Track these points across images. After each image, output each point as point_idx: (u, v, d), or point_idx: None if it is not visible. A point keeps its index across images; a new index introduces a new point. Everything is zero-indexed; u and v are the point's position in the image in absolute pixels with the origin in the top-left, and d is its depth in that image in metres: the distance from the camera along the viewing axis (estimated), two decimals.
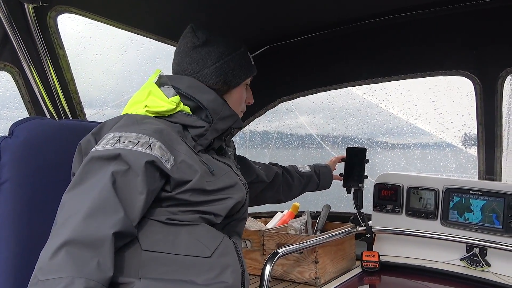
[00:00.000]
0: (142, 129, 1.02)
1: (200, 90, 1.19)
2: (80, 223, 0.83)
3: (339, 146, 4.30)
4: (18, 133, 1.04)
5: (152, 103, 1.12)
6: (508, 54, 1.67)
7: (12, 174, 1.01)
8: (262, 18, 1.79)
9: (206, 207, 1.06)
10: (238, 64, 1.25)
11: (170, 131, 1.07)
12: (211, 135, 1.17)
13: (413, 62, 1.88)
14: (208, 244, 1.04)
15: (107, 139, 0.99)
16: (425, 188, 1.81)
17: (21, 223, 1.01)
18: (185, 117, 1.15)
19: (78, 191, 0.90)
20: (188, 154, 1.06)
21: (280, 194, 1.70)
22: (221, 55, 1.22)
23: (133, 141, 0.98)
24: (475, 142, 1.88)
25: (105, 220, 0.86)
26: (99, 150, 0.96)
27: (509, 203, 1.60)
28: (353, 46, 1.98)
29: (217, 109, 1.18)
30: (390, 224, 1.84)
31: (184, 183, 1.02)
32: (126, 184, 0.92)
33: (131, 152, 0.96)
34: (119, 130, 1.01)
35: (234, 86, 1.25)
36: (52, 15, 1.30)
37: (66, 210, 0.88)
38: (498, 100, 1.72)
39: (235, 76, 1.24)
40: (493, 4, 1.61)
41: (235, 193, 1.15)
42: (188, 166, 1.04)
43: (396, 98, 2.88)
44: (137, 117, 1.07)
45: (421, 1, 1.68)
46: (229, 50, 1.24)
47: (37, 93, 1.27)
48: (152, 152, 0.98)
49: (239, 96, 1.28)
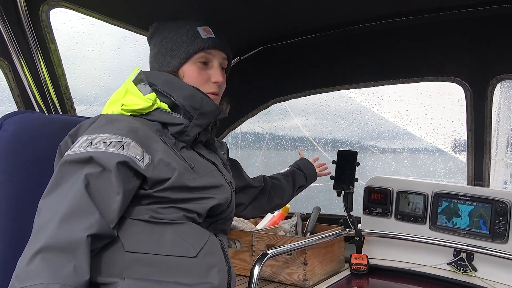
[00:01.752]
0: (115, 129, 1.00)
1: (175, 86, 1.14)
2: (54, 228, 0.83)
3: (331, 149, 4.32)
4: (7, 127, 1.02)
5: (128, 101, 1.09)
6: (499, 62, 1.69)
7: (1, 168, 0.99)
8: (257, 19, 1.79)
9: (188, 204, 1.04)
10: (177, 43, 1.17)
11: (145, 130, 1.04)
12: (192, 131, 1.13)
13: (405, 67, 1.89)
14: (193, 243, 1.03)
15: (80, 142, 0.97)
16: (415, 192, 1.82)
17: (8, 217, 0.99)
18: (163, 114, 1.11)
19: (52, 196, 0.89)
20: (165, 152, 1.03)
21: (275, 198, 1.64)
22: (162, 40, 1.19)
23: (105, 143, 0.96)
24: (464, 148, 1.90)
25: (79, 223, 0.85)
26: (71, 154, 0.95)
27: (496, 209, 1.62)
28: (346, 49, 1.99)
29: (195, 105, 1.12)
30: (379, 228, 1.85)
31: (162, 182, 1.00)
32: (100, 186, 0.91)
33: (103, 154, 0.94)
34: (93, 132, 0.99)
35: (176, 68, 1.17)
36: (44, 9, 1.28)
37: (41, 216, 0.87)
38: (487, 107, 1.74)
39: (173, 56, 1.17)
40: (485, 12, 1.63)
41: (219, 193, 1.13)
42: (165, 164, 1.01)
43: (388, 103, 2.91)
44: (112, 117, 1.04)
45: (415, 7, 1.70)
46: (170, 33, 1.19)
47: (27, 87, 1.25)
48: (125, 152, 0.96)
49: (188, 77, 1.18)
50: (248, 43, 2.05)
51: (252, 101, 2.28)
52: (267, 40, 2.06)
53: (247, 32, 1.92)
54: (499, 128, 3.48)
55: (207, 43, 1.18)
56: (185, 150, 1.13)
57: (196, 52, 1.17)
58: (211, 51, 1.19)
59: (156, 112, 1.11)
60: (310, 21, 1.86)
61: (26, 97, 1.26)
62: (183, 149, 1.13)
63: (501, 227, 1.61)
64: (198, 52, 1.17)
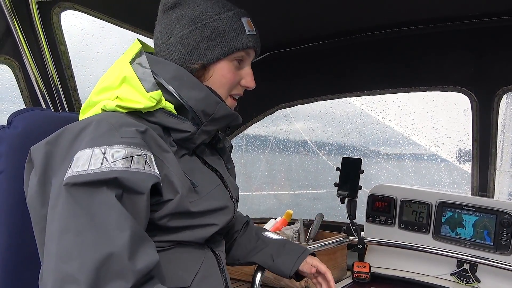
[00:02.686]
0: (126, 138, 0.79)
1: (187, 85, 0.92)
2: (131, 265, 0.71)
3: (335, 155, 4.33)
4: (16, 123, 1.02)
5: (125, 94, 0.86)
6: (505, 72, 1.69)
7: (8, 164, 0.99)
8: (264, 26, 1.79)
9: (184, 234, 0.90)
10: (217, 31, 0.94)
11: (154, 134, 0.86)
12: (199, 139, 0.96)
13: (411, 76, 1.90)
14: (188, 269, 0.92)
15: (86, 157, 0.74)
16: (419, 202, 1.82)
17: (15, 214, 0.99)
18: (167, 117, 0.91)
19: (80, 236, 0.70)
20: (172, 167, 0.86)
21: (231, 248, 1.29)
22: (194, 20, 0.93)
23: (126, 158, 0.76)
24: (469, 158, 1.90)
25: (148, 247, 0.76)
26: (80, 175, 0.73)
27: (500, 220, 1.62)
28: (353, 57, 2.00)
29: (208, 110, 0.93)
30: (383, 236, 1.84)
31: (161, 204, 0.84)
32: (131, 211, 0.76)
33: (132, 175, 0.76)
34: (97, 142, 0.76)
35: (210, 62, 0.95)
36: (56, 11, 1.30)
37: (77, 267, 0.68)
38: (493, 118, 1.74)
39: (211, 47, 0.94)
40: (492, 23, 1.64)
41: (222, 218, 0.98)
42: (168, 183, 0.85)
43: (394, 111, 2.92)
44: (110, 120, 0.80)
45: (422, 17, 1.71)
46: (207, 13, 0.94)
47: (36, 88, 1.27)
48: (152, 170, 0.80)
49: (221, 76, 0.96)
50: None
51: (257, 106, 2.29)
52: (274, 46, 2.07)
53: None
54: (504, 139, 3.47)
55: (251, 42, 0.98)
56: (186, 157, 0.97)
57: (238, 50, 0.96)
58: (249, 51, 1.00)
59: (158, 113, 0.90)
60: (316, 29, 1.88)
61: (35, 98, 1.27)
62: (184, 156, 0.96)
63: (505, 238, 1.60)
64: (240, 50, 0.96)
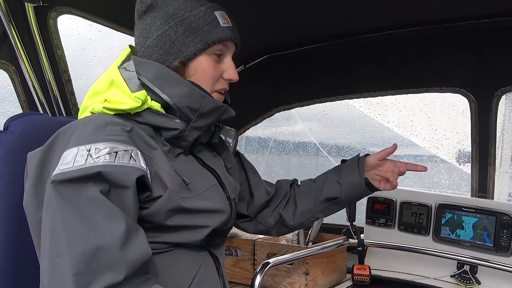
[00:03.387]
0: (112, 135, 0.81)
1: (170, 82, 0.93)
2: (121, 256, 0.73)
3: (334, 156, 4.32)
4: (13, 128, 1.02)
5: (113, 97, 0.89)
6: (504, 73, 1.69)
7: (5, 169, 0.99)
8: (262, 29, 1.81)
9: (180, 234, 0.91)
10: (191, 27, 0.95)
11: (141, 133, 0.89)
12: (191, 136, 0.96)
13: (410, 77, 1.90)
14: (186, 273, 0.93)
15: (72, 155, 0.77)
16: (418, 203, 1.81)
17: (12, 219, 0.99)
18: (155, 116, 0.93)
19: (67, 232, 0.72)
20: (161, 163, 0.88)
21: (279, 209, 1.29)
22: (167, 19, 0.95)
23: (110, 153, 0.78)
24: (469, 159, 1.90)
25: (140, 238, 0.78)
26: (66, 172, 0.75)
27: (500, 222, 1.61)
28: (351, 59, 2.00)
29: (194, 105, 0.93)
30: (382, 238, 1.84)
31: (151, 201, 0.86)
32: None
33: (115, 168, 0.77)
34: (83, 141, 0.79)
35: (187, 59, 0.96)
36: (52, 15, 1.30)
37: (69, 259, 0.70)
38: (492, 119, 1.74)
39: (186, 44, 0.95)
40: (491, 24, 1.64)
41: (214, 220, 0.97)
42: (158, 179, 0.87)
43: (392, 113, 2.91)
44: (97, 120, 0.84)
45: (420, 19, 1.71)
46: (179, 11, 0.95)
47: (33, 92, 1.27)
48: (138, 164, 0.82)
49: (201, 71, 0.97)
50: (253, 51, 2.06)
51: (256, 108, 2.29)
52: (272, 49, 2.07)
53: (253, 41, 1.94)
54: (504, 140, 3.47)
55: (227, 34, 0.99)
56: (182, 157, 0.99)
57: (214, 43, 0.97)
58: (228, 43, 1.00)
59: (146, 113, 0.92)
60: (314, 31, 1.88)
61: (32, 102, 1.27)
62: (179, 155, 0.98)
63: (505, 239, 1.60)
64: (216, 43, 0.97)
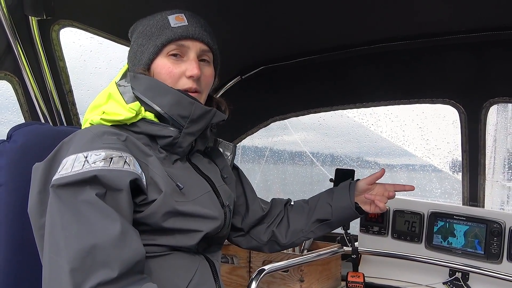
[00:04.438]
0: (107, 143, 0.87)
1: (159, 92, 0.98)
2: (119, 251, 0.77)
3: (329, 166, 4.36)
4: (16, 138, 1.04)
5: (110, 109, 0.96)
6: (492, 85, 1.75)
7: (8, 178, 1.01)
8: (258, 41, 1.85)
9: (175, 238, 0.94)
10: (146, 36, 1.02)
11: (136, 142, 0.94)
12: (185, 141, 1.00)
13: (401, 89, 1.95)
14: (182, 276, 0.95)
15: (69, 162, 0.83)
16: (411, 212, 1.85)
17: (13, 227, 1.01)
18: (149, 125, 0.98)
19: (70, 231, 0.77)
20: (156, 169, 0.93)
21: (279, 234, 1.30)
22: (135, 37, 1.06)
23: (106, 159, 0.83)
24: (460, 169, 1.94)
25: (135, 237, 0.83)
26: (65, 176, 0.80)
27: (491, 229, 1.65)
28: (344, 71, 2.05)
29: (183, 113, 0.97)
30: (376, 246, 1.87)
31: (147, 204, 0.90)
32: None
33: (110, 172, 0.82)
34: (81, 149, 0.85)
35: (146, 64, 1.02)
36: (55, 28, 1.33)
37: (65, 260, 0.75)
38: (481, 130, 1.79)
39: (143, 51, 1.02)
40: (479, 38, 1.70)
41: (206, 226, 0.99)
42: (154, 184, 0.91)
43: (385, 123, 2.98)
44: (94, 130, 0.90)
45: (412, 32, 1.76)
46: (143, 26, 1.05)
47: (35, 102, 1.29)
48: (132, 168, 0.86)
49: (158, 73, 1.01)
50: (249, 63, 2.11)
51: (252, 118, 2.33)
52: (268, 60, 2.12)
53: (249, 53, 1.98)
54: (496, 149, 3.52)
55: (176, 33, 1.00)
56: (179, 163, 1.03)
57: (164, 44, 1.00)
58: (183, 42, 1.01)
59: (141, 123, 0.98)
60: (309, 43, 1.93)
61: (35, 112, 1.30)
62: (177, 162, 1.02)
63: (495, 247, 1.64)
64: (167, 44, 1.00)
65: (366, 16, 1.59)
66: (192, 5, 1.12)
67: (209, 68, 1.07)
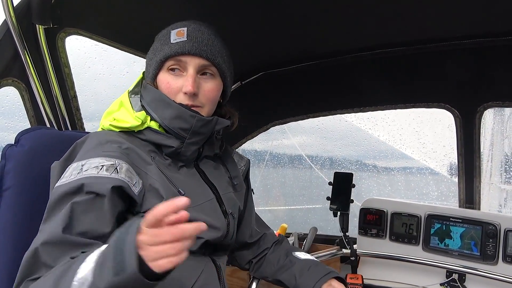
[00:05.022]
0: (106, 151, 0.92)
1: (161, 105, 1.01)
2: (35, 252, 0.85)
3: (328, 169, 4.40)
4: (23, 142, 1.07)
5: (120, 116, 1.02)
6: (485, 90, 1.78)
7: (15, 181, 1.04)
8: (258, 47, 1.89)
9: None
10: (153, 50, 1.07)
11: (137, 151, 0.97)
12: (189, 151, 1.04)
13: (397, 94, 1.99)
14: (187, 277, 0.97)
15: (71, 170, 0.91)
16: (408, 214, 1.88)
17: (20, 230, 1.03)
18: (154, 134, 1.02)
19: (41, 229, 0.87)
20: (156, 177, 0.96)
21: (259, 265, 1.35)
22: (150, 49, 1.11)
23: (97, 167, 0.89)
24: (456, 172, 1.97)
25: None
26: (62, 184, 0.89)
27: (486, 231, 1.68)
28: (342, 77, 2.09)
29: (184, 126, 1.00)
30: (374, 248, 1.90)
31: (150, 210, 0.90)
32: (88, 214, 0.86)
33: (96, 179, 0.87)
34: (82, 157, 0.93)
35: (152, 79, 1.07)
36: (61, 36, 1.37)
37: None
38: (476, 133, 1.83)
39: (151, 64, 1.07)
40: (473, 44, 1.73)
41: (209, 233, 1.01)
42: (154, 191, 0.94)
43: (382, 127, 3.02)
44: (100, 138, 0.96)
45: (408, 38, 1.80)
46: (155, 41, 1.10)
47: (41, 108, 1.32)
48: (119, 175, 0.89)
49: (160, 88, 1.05)
50: (249, 68, 2.14)
51: (252, 123, 2.36)
52: (268, 66, 2.15)
53: (249, 59, 2.02)
54: (493, 153, 3.56)
55: (173, 49, 1.01)
56: (184, 169, 1.05)
57: (164, 60, 1.02)
58: (181, 58, 1.02)
59: (147, 131, 1.02)
60: (308, 50, 1.96)
61: (40, 117, 1.33)
62: (182, 168, 1.05)
63: (491, 248, 1.66)
64: (166, 59, 1.02)
65: (363, 22, 1.62)
66: (192, 12, 1.16)
67: (211, 82, 1.06)
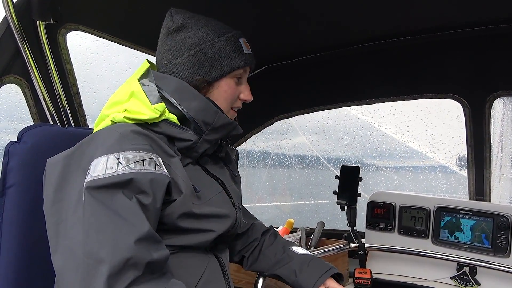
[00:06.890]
0: (137, 144, 0.87)
1: (188, 96, 1.01)
2: (132, 249, 0.78)
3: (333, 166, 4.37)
4: (26, 139, 1.06)
5: (133, 107, 0.96)
6: (495, 79, 1.75)
7: (18, 178, 1.03)
8: (262, 40, 1.87)
9: (187, 237, 0.96)
10: (219, 51, 1.04)
11: (159, 142, 0.94)
12: (202, 147, 1.03)
13: (405, 84, 1.96)
14: (192, 274, 0.97)
15: (102, 163, 0.82)
16: (417, 207, 1.85)
17: (24, 227, 1.03)
18: (171, 127, 0.99)
19: (99, 235, 0.78)
20: (178, 170, 0.94)
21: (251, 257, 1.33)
22: (198, 42, 1.03)
23: (139, 161, 0.84)
24: (465, 163, 1.94)
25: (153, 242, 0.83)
26: (101, 178, 0.80)
27: (498, 223, 1.65)
28: (347, 68, 2.06)
29: (208, 119, 1.01)
30: (383, 242, 1.87)
31: (170, 203, 0.91)
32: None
33: (145, 175, 0.83)
34: (110, 150, 0.84)
35: (214, 80, 1.04)
36: (62, 32, 1.36)
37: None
38: (486, 124, 1.79)
39: (215, 66, 1.03)
40: (482, 32, 1.70)
41: (220, 225, 1.03)
42: (175, 185, 0.93)
43: (389, 119, 2.98)
44: (119, 131, 0.89)
45: (414, 28, 1.77)
46: (209, 35, 1.04)
47: (44, 105, 1.31)
48: (164, 171, 0.88)
49: (223, 91, 1.06)
50: None
51: (257, 117, 2.34)
52: (272, 60, 2.13)
53: (253, 52, 2.00)
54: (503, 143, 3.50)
55: (249, 61, 1.09)
56: (190, 166, 1.05)
57: (238, 68, 1.07)
58: (247, 68, 1.11)
59: (163, 124, 0.98)
60: (312, 42, 1.94)
61: (43, 114, 1.32)
62: (188, 165, 1.04)
63: (502, 241, 1.63)
64: (240, 68, 1.07)
65: (368, 13, 1.60)
66: (194, 6, 1.14)
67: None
